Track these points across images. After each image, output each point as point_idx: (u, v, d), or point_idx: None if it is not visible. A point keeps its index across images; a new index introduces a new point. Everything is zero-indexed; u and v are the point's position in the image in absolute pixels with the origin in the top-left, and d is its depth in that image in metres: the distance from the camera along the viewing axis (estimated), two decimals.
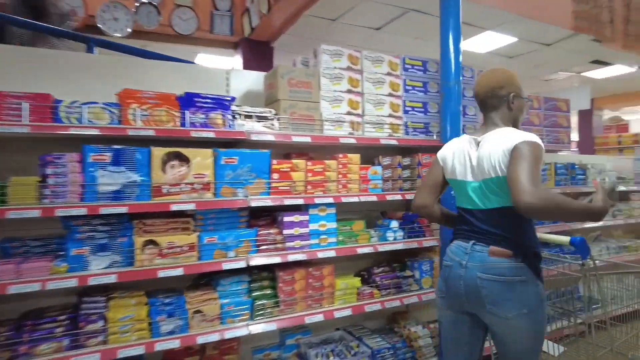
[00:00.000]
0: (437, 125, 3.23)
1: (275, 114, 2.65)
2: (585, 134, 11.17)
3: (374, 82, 2.97)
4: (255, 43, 6.67)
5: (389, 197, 2.95)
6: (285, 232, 2.64)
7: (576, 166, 4.02)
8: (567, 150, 4.16)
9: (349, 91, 2.87)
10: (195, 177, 2.40)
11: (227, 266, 2.44)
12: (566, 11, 6.21)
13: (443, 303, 1.92)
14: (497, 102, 1.85)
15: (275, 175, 2.59)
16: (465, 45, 5.99)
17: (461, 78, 2.86)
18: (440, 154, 2.02)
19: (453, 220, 2.03)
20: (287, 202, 2.59)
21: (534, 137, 1.67)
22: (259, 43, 6.64)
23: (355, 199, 2.79)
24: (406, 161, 3.14)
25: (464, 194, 1.87)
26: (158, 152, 2.34)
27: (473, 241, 1.78)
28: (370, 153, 3.22)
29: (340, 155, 2.82)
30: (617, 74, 8.80)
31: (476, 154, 1.79)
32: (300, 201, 2.62)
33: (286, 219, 2.65)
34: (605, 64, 8.19)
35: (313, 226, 2.72)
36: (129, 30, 5.57)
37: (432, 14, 5.65)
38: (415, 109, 3.16)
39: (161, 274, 2.30)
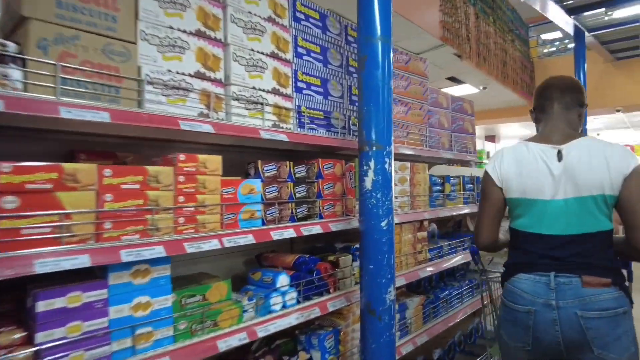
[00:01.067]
0: (340, 118, 2.08)
1: (18, 53, 1.11)
2: None
3: (246, 28, 1.65)
4: None
5: (275, 235, 1.64)
6: (43, 335, 1.09)
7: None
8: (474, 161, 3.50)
9: (200, 33, 1.49)
10: None
11: None
12: (436, 20, 5.98)
13: (527, 358, 1.47)
14: (572, 104, 1.54)
15: (8, 201, 1.03)
16: None
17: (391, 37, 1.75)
18: (496, 169, 1.55)
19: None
20: (47, 264, 1.05)
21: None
22: None
23: (215, 244, 1.41)
24: (300, 171, 1.88)
25: (537, 215, 1.46)
26: None
27: (553, 272, 1.41)
28: (239, 156, 1.88)
29: (182, 157, 1.40)
30: (464, 93, 9.26)
31: (560, 165, 1.42)
32: (83, 259, 1.12)
33: (44, 304, 1.11)
34: (458, 81, 8.45)
35: (118, 311, 1.23)
36: None
37: None
38: (313, 87, 1.95)
39: None
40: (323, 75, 2.00)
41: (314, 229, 1.82)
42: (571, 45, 10.82)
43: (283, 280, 1.72)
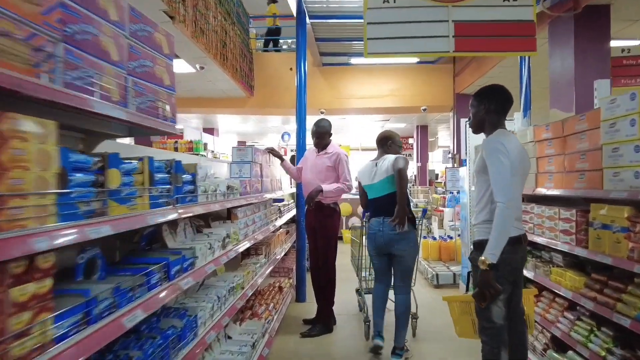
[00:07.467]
0: None
1: None
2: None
3: None
4: None
5: None
6: None
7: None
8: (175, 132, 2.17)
9: None
10: None
11: None
12: None
13: (376, 251, 3.53)
14: (383, 146, 3.69)
15: None
16: None
17: None
18: (358, 176, 3.87)
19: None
20: None
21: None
22: None
23: None
24: None
25: (371, 190, 3.60)
26: None
27: (382, 216, 3.40)
28: None
29: None
30: (178, 72, 7.89)
31: (376, 168, 3.55)
32: None
33: None
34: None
35: None
36: None
37: None
38: None
39: None
40: None
41: None
42: (285, 47, 11.19)
43: None
